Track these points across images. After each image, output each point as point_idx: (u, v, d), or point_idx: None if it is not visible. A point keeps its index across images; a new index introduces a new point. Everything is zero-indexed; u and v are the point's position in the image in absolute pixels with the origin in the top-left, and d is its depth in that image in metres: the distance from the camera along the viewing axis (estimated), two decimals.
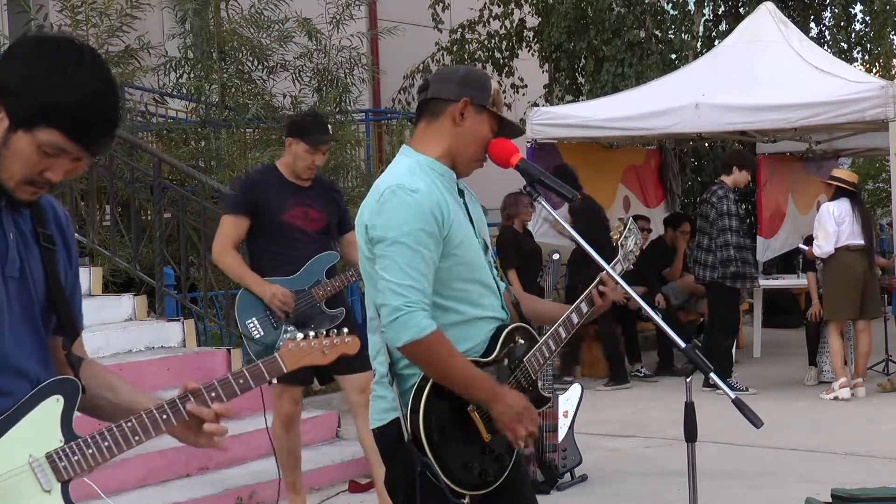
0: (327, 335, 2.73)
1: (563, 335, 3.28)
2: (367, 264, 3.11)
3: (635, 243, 3.50)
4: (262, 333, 5.55)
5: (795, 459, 7.16)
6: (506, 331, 3.20)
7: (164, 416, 2.54)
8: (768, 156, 13.19)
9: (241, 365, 7.69)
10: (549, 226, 10.80)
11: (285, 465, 5.79)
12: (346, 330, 2.77)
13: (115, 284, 8.68)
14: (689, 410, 3.20)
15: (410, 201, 2.99)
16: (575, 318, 3.31)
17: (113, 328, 7.47)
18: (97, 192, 8.97)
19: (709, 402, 5.99)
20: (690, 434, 3.18)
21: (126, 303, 7.83)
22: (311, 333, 2.73)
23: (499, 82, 13.76)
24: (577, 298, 3.40)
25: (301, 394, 5.88)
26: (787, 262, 12.91)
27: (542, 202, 3.30)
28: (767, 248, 12.70)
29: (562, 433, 6.61)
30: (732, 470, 6.88)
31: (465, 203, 3.22)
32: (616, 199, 12.42)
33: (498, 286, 3.25)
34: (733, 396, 3.10)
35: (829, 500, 5.21)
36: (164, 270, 8.22)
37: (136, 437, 2.50)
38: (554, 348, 3.27)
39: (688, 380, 3.19)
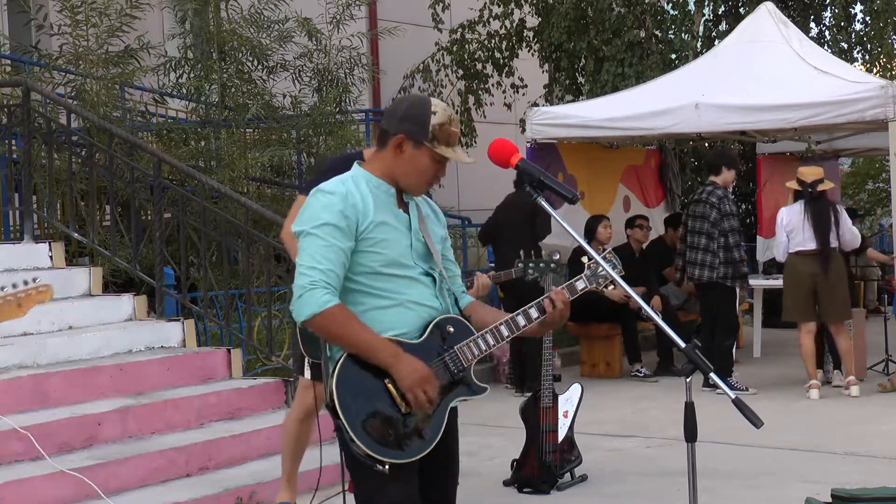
0: (24, 287, 2.71)
1: (506, 334, 3.46)
2: None
3: (616, 272, 3.59)
4: None
5: (795, 459, 7.16)
6: (437, 319, 3.42)
7: None
8: (768, 156, 13.20)
9: (241, 365, 7.72)
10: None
11: (288, 454, 5.77)
12: (37, 279, 2.78)
13: (115, 284, 8.68)
14: (689, 410, 3.20)
15: (325, 201, 3.33)
16: (521, 321, 3.46)
17: (113, 328, 7.47)
18: (97, 192, 8.96)
19: (709, 402, 6.00)
20: (690, 434, 3.19)
21: (126, 303, 7.83)
22: (5, 287, 2.71)
23: (499, 82, 13.61)
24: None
25: None
26: None
27: (542, 202, 3.33)
28: (767, 248, 12.70)
29: (562, 433, 6.61)
30: (732, 470, 6.87)
31: (410, 214, 3.45)
32: (616, 199, 12.42)
33: (435, 280, 3.46)
34: (733, 396, 3.10)
35: (829, 500, 5.21)
36: (164, 270, 8.22)
37: None
38: (493, 343, 3.45)
39: (688, 380, 3.20)
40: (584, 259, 3.57)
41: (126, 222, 9.13)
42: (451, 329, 3.43)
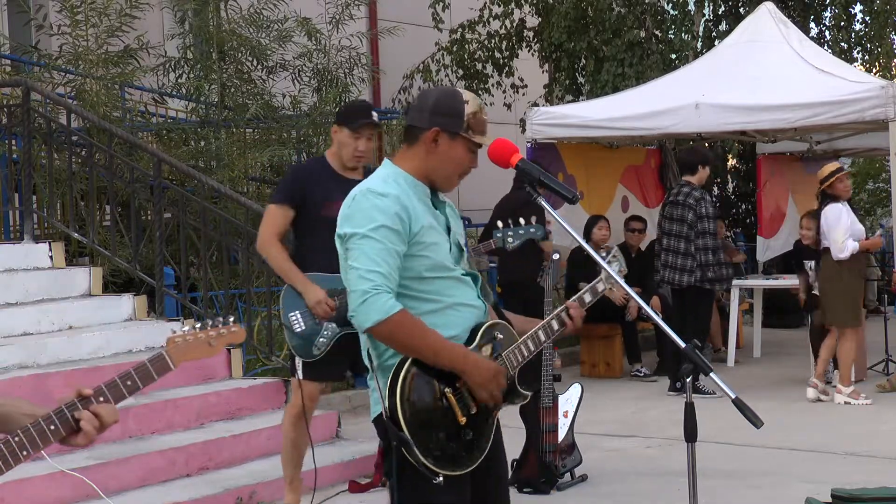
0: (213, 326, 2.80)
1: (543, 338, 3.46)
2: (345, 266, 3.33)
3: (618, 271, 3.69)
4: (304, 327, 5.52)
5: (795, 459, 7.16)
6: (485, 325, 3.38)
7: (52, 427, 2.57)
8: (768, 156, 13.20)
9: (241, 365, 7.73)
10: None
11: (287, 459, 5.77)
12: (231, 319, 2.87)
13: (115, 284, 8.68)
14: (689, 410, 3.21)
15: (379, 203, 3.26)
16: (556, 325, 3.49)
17: (113, 328, 7.47)
18: (97, 192, 8.96)
19: (709, 402, 6.00)
20: (690, 434, 3.19)
21: (126, 303, 7.84)
22: (198, 325, 2.80)
23: (499, 82, 13.56)
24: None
25: (318, 391, 5.79)
26: (787, 262, 12.91)
27: (543, 202, 3.33)
28: (767, 248, 12.72)
29: (562, 433, 6.61)
30: (732, 470, 6.87)
31: (445, 214, 3.42)
32: (615, 199, 12.41)
33: (474, 279, 3.44)
34: (733, 396, 3.10)
35: (829, 500, 5.22)
36: (164, 270, 8.22)
37: (24, 452, 2.52)
38: (532, 349, 3.44)
39: (688, 380, 3.20)
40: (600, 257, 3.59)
41: (126, 222, 9.13)
42: (500, 336, 3.39)
